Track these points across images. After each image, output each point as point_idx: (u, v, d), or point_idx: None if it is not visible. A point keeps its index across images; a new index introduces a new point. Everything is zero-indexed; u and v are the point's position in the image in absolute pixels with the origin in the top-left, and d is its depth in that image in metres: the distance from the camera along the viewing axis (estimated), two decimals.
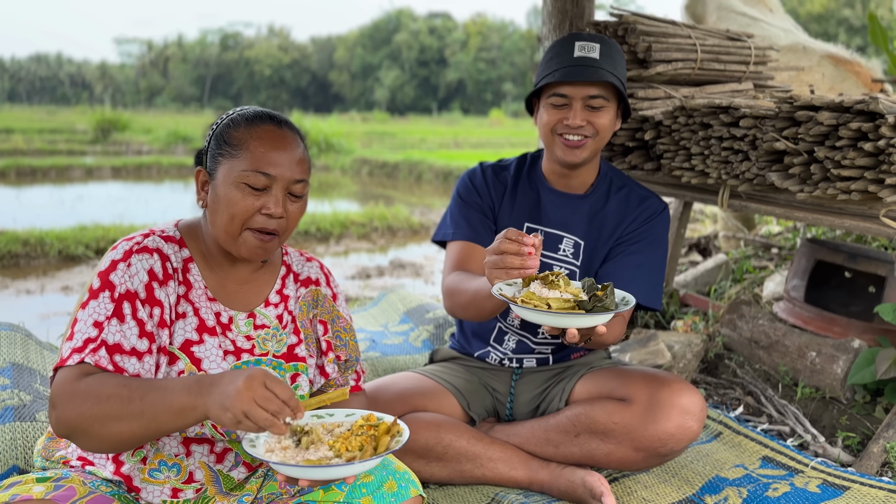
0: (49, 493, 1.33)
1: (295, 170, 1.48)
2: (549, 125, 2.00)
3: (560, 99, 1.96)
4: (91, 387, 1.30)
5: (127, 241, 1.49)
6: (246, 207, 1.45)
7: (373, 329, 3.26)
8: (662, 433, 1.90)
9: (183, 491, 1.50)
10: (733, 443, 2.36)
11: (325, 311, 1.66)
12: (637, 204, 2.09)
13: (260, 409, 1.23)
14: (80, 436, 1.31)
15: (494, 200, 2.14)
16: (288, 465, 1.28)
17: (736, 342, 2.98)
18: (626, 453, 1.97)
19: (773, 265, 3.89)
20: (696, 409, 1.92)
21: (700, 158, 2.57)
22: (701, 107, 2.52)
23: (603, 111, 1.97)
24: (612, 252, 2.08)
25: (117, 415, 1.27)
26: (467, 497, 2.02)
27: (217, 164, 1.49)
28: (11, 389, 2.30)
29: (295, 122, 1.58)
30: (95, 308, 1.40)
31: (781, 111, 2.28)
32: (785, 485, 2.09)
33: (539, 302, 1.54)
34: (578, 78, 1.92)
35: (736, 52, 3.01)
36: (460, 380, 2.18)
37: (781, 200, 2.50)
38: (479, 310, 1.86)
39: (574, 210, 2.10)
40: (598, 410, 1.98)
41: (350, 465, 1.29)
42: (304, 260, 1.69)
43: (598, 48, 1.96)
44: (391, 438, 1.38)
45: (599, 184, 2.12)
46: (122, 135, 21.10)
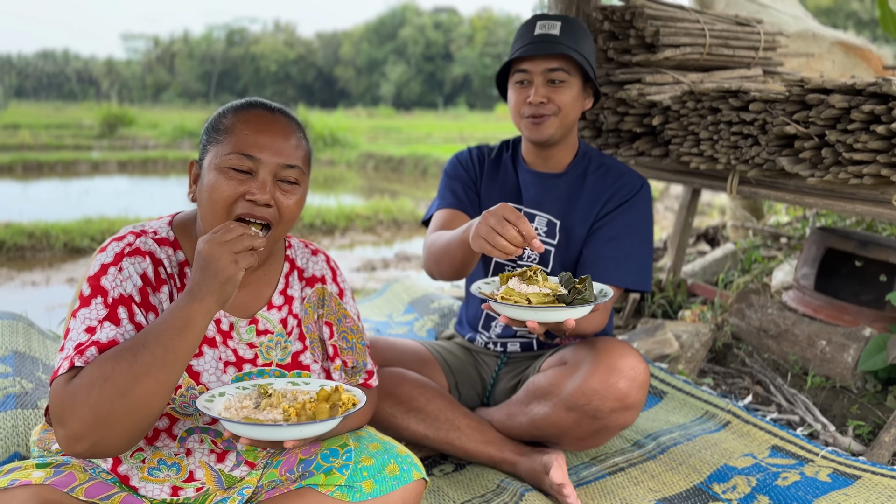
0: (49, 478, 1.30)
1: (284, 154, 1.40)
2: (515, 106, 2.02)
3: (522, 75, 1.99)
4: (87, 374, 1.23)
5: (117, 241, 1.42)
6: (228, 192, 1.36)
7: (378, 319, 3.24)
8: (588, 388, 1.84)
9: (183, 489, 1.47)
10: (742, 432, 2.33)
11: (331, 311, 1.60)
12: (614, 181, 2.06)
13: (237, 239, 1.25)
14: (107, 428, 1.21)
15: (477, 176, 2.17)
16: (229, 421, 1.28)
17: (744, 331, 2.94)
18: (559, 414, 1.91)
19: (781, 255, 3.85)
20: (626, 367, 1.84)
21: (709, 144, 2.53)
22: (710, 91, 2.48)
23: (564, 87, 1.97)
24: (592, 234, 2.04)
25: (133, 375, 1.20)
26: (471, 484, 2.00)
27: (205, 153, 1.43)
28: (13, 377, 2.30)
29: (300, 117, 1.53)
30: (87, 315, 1.33)
31: (792, 94, 2.24)
32: (795, 474, 2.05)
33: (519, 298, 1.54)
34: (535, 52, 1.94)
35: (745, 38, 2.97)
36: (455, 359, 2.22)
37: (791, 186, 2.46)
38: (451, 260, 1.84)
39: (549, 188, 2.10)
40: (541, 377, 1.99)
41: (284, 426, 1.26)
42: (309, 253, 1.62)
43: (559, 25, 1.98)
44: (332, 407, 1.35)
45: (577, 163, 2.11)
46: (128, 130, 21.16)
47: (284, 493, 1.46)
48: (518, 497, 1.89)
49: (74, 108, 38.58)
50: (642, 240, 2.04)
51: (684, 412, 2.47)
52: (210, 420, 1.47)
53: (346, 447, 1.49)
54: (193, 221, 1.50)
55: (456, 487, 1.99)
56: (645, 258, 2.04)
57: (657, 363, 2.76)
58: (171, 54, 68.38)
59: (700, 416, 2.44)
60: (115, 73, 68.50)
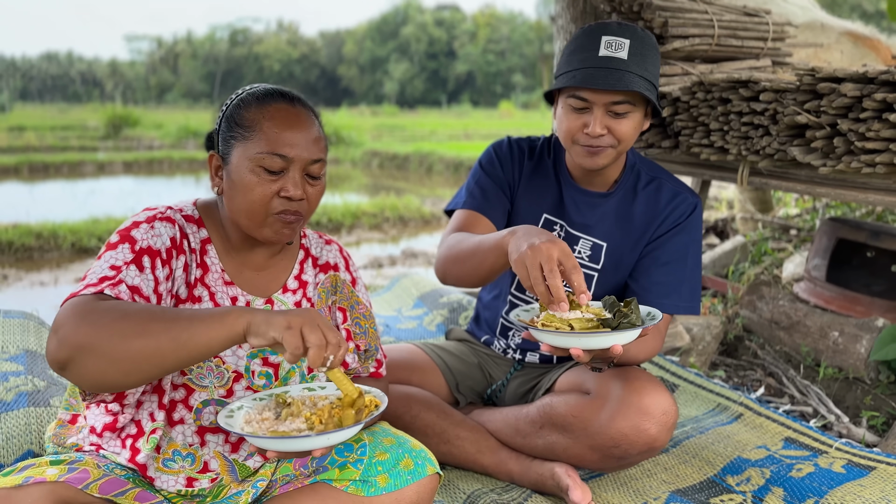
0: (63, 475, 1.29)
1: (312, 149, 1.43)
2: (568, 131, 1.81)
3: (580, 102, 1.76)
4: (114, 304, 1.21)
5: (149, 210, 1.46)
6: (264, 192, 1.40)
7: (387, 314, 3.24)
8: (616, 432, 1.74)
9: (198, 480, 1.47)
10: (755, 424, 2.31)
11: (344, 298, 1.62)
12: (668, 201, 1.91)
13: (317, 329, 1.21)
14: (86, 356, 1.17)
15: (515, 178, 1.98)
16: (255, 437, 1.26)
17: (756, 324, 2.93)
18: (581, 451, 1.82)
19: (791, 246, 3.83)
20: (658, 411, 1.73)
21: (719, 134, 2.52)
22: (720, 81, 2.47)
23: (627, 117, 1.76)
24: (643, 258, 1.92)
25: (141, 330, 1.17)
26: (482, 478, 1.99)
27: (230, 148, 1.44)
28: (25, 375, 2.30)
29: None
30: (113, 255, 1.34)
31: (803, 84, 2.23)
32: (809, 465, 2.04)
33: (560, 324, 1.43)
34: (601, 85, 1.70)
35: (753, 28, 2.95)
36: (457, 360, 2.13)
37: (803, 176, 2.44)
38: (478, 264, 1.68)
39: (597, 210, 1.94)
40: (561, 402, 1.86)
41: (312, 436, 1.25)
42: (322, 243, 1.65)
43: (628, 45, 1.73)
44: (357, 412, 1.33)
45: (625, 179, 1.94)
46: (133, 131, 21.20)
47: (299, 489, 1.46)
48: (528, 494, 1.89)
49: (79, 109, 38.70)
50: (694, 263, 1.92)
51: (696, 405, 2.46)
52: (224, 393, 1.47)
53: (360, 442, 1.49)
54: (216, 206, 1.54)
55: (466, 480, 1.99)
56: (696, 281, 1.93)
57: (668, 356, 2.75)
58: (174, 55, 68.51)
59: (712, 408, 2.43)
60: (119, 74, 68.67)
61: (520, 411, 1.96)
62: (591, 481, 1.98)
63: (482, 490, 1.90)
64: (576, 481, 1.81)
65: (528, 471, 1.90)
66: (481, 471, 1.96)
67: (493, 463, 1.94)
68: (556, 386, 2.01)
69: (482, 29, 59.00)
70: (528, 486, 1.91)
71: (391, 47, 60.40)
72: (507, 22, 60.87)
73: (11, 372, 2.32)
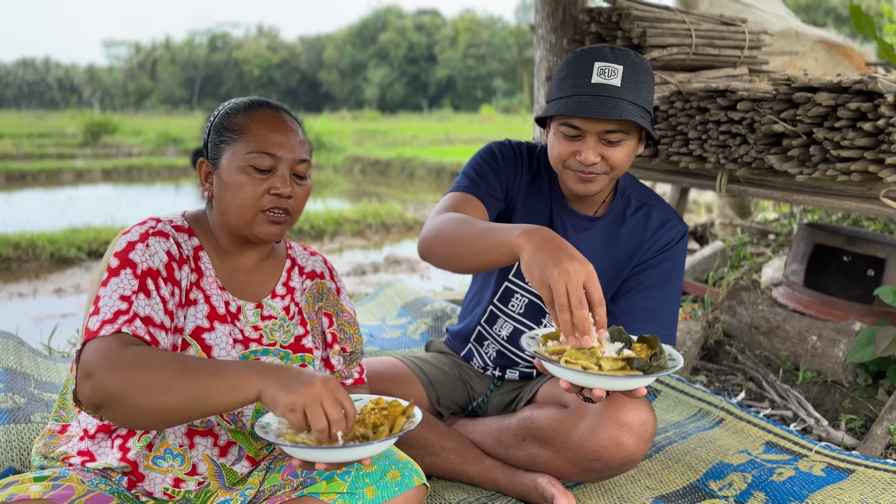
0: (47, 492, 1.29)
1: (297, 150, 1.50)
2: (560, 156, 1.76)
3: (572, 130, 1.71)
4: (140, 355, 1.26)
5: (140, 225, 1.48)
6: (254, 190, 1.45)
7: (370, 323, 3.24)
8: (596, 445, 1.72)
9: (185, 482, 1.48)
10: (736, 429, 2.34)
11: (330, 305, 1.67)
12: (656, 228, 1.90)
13: (321, 410, 1.20)
14: (116, 405, 1.24)
15: (516, 184, 1.92)
16: (304, 448, 1.24)
17: (736, 328, 2.97)
18: (562, 464, 1.81)
19: (770, 251, 3.88)
20: (636, 423, 1.71)
21: (698, 143, 2.55)
22: (698, 91, 2.50)
23: (621, 145, 1.72)
24: (627, 281, 1.90)
25: (166, 385, 1.21)
26: (470, 488, 2.00)
27: (220, 152, 1.50)
28: (5, 393, 2.28)
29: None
30: (119, 284, 1.37)
31: (779, 93, 2.27)
32: (790, 469, 2.07)
33: (588, 363, 1.36)
34: (593, 114, 1.65)
35: (730, 37, 3.00)
36: (438, 371, 2.11)
37: (780, 184, 2.48)
38: (475, 254, 1.55)
39: (584, 234, 1.91)
40: (541, 415, 1.84)
41: (367, 444, 1.25)
42: (307, 254, 1.70)
43: (621, 72, 1.67)
44: (406, 419, 1.36)
45: (615, 204, 1.91)
46: (111, 137, 20.98)
47: (285, 502, 1.46)
48: (514, 503, 1.90)
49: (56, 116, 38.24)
50: (675, 291, 1.91)
51: (678, 410, 2.49)
52: None
53: None
54: (204, 215, 1.58)
55: (452, 490, 1.99)
56: (674, 309, 1.91)
57: None
58: (153, 60, 67.96)
59: (694, 413, 2.45)
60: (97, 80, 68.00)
61: (502, 422, 1.95)
62: (575, 489, 1.99)
63: (468, 499, 1.91)
64: (559, 490, 1.81)
65: (513, 480, 1.91)
66: (467, 481, 1.97)
67: (479, 472, 1.94)
68: (538, 397, 2.01)
69: (462, 34, 59.15)
70: (513, 496, 1.91)
71: (371, 52, 60.37)
72: (487, 27, 61.07)
73: None
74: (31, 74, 68.12)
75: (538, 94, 3.24)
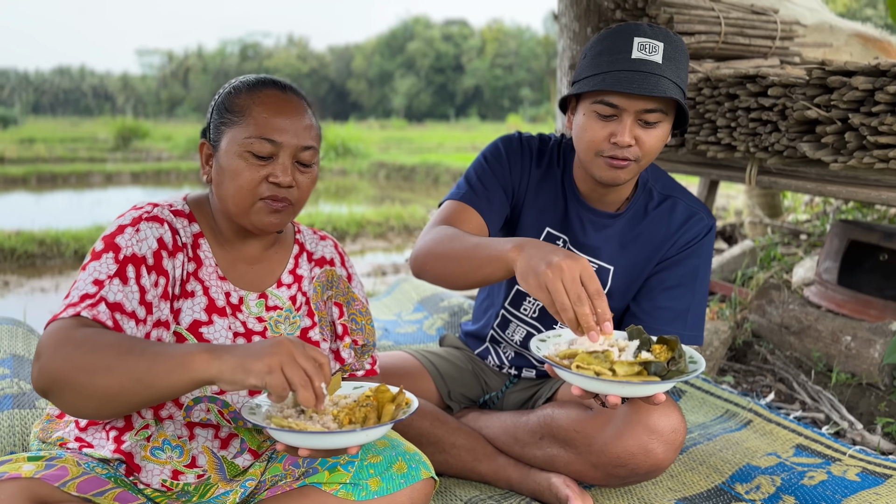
0: (39, 471, 1.24)
1: (302, 136, 1.40)
2: (592, 141, 1.64)
3: (608, 108, 1.60)
4: (87, 336, 1.20)
5: (136, 209, 1.42)
6: (252, 177, 1.37)
7: (386, 318, 3.17)
8: (622, 451, 1.62)
9: (184, 474, 1.42)
10: (764, 431, 2.23)
11: (341, 293, 1.58)
12: (682, 222, 1.79)
13: (297, 366, 1.14)
14: (61, 389, 1.17)
15: (523, 185, 1.82)
16: (287, 432, 1.19)
17: (765, 328, 2.84)
18: (583, 467, 1.72)
19: (801, 252, 3.75)
20: (667, 430, 1.60)
21: (726, 131, 2.45)
22: (727, 77, 2.40)
23: (657, 127, 1.62)
24: (650, 279, 1.80)
25: (108, 366, 1.15)
26: (482, 485, 1.92)
27: (220, 135, 1.41)
28: (11, 378, 2.28)
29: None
30: (97, 267, 1.31)
31: (813, 78, 2.16)
32: (822, 473, 1.96)
33: (600, 368, 1.28)
34: (636, 90, 1.54)
35: (761, 27, 2.89)
36: (450, 365, 2.03)
37: (813, 174, 2.37)
38: (468, 269, 1.51)
39: (604, 232, 1.81)
40: (563, 415, 1.75)
41: (350, 432, 1.19)
42: (317, 239, 1.61)
43: (662, 49, 1.58)
44: (396, 408, 1.28)
45: (636, 199, 1.81)
46: (142, 142, 21.31)
47: (286, 492, 1.40)
48: (527, 503, 1.81)
49: (90, 122, 38.99)
50: (701, 289, 1.79)
51: (704, 411, 2.38)
52: (218, 390, 1.41)
53: None
54: (206, 199, 1.51)
55: (463, 486, 1.91)
56: (702, 308, 1.80)
57: None
58: (185, 69, 69.13)
59: (720, 415, 2.34)
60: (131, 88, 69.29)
61: (518, 419, 1.86)
62: (593, 489, 1.90)
63: (480, 497, 1.83)
64: (575, 491, 1.72)
65: (527, 479, 1.82)
66: (479, 479, 1.88)
67: (491, 470, 1.86)
68: (558, 395, 1.92)
69: (490, 43, 59.29)
70: (526, 495, 1.82)
71: (399, 62, 60.77)
72: (515, 36, 61.15)
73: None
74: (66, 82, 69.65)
75: (561, 86, 3.16)
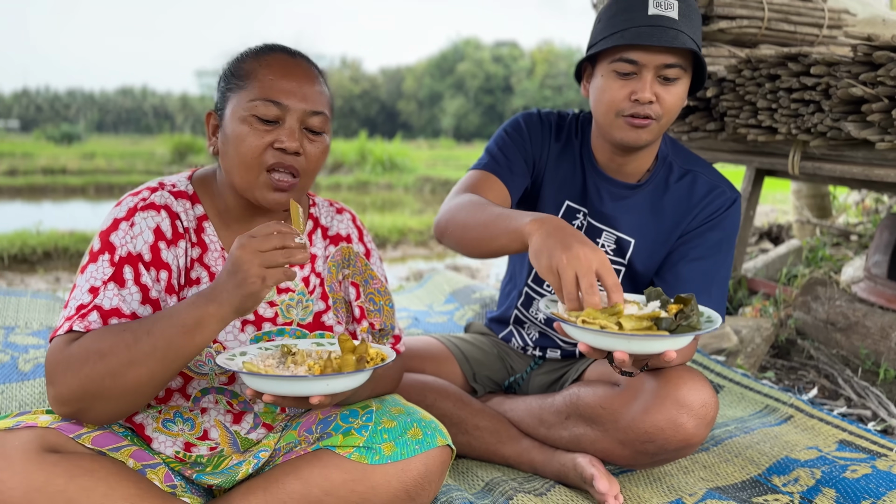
0: (55, 423, 1.25)
1: (310, 100, 1.33)
2: (612, 100, 1.64)
3: (627, 66, 1.60)
4: (86, 345, 1.19)
5: (133, 195, 1.37)
6: (256, 143, 1.30)
7: (417, 308, 3.16)
8: (650, 426, 1.57)
9: (196, 447, 1.41)
10: (806, 426, 2.12)
11: (358, 272, 1.52)
12: (704, 194, 1.77)
13: (270, 253, 1.15)
14: (93, 401, 1.19)
15: (543, 158, 1.82)
16: (252, 375, 1.19)
17: (810, 326, 2.72)
18: (610, 445, 1.67)
19: (851, 253, 3.59)
20: (696, 403, 1.55)
21: (767, 114, 2.36)
22: (767, 57, 2.32)
23: (677, 84, 1.62)
24: (672, 253, 1.78)
25: (129, 360, 1.16)
26: (504, 468, 1.86)
27: (226, 101, 1.36)
28: (44, 349, 2.33)
29: (361, 144, 1.50)
30: (93, 272, 1.28)
31: (858, 54, 2.07)
32: (865, 467, 1.84)
33: (606, 321, 1.22)
34: (655, 41, 1.55)
35: (807, 14, 2.80)
36: (475, 349, 2.00)
37: (859, 158, 2.27)
38: (485, 240, 1.52)
39: (624, 203, 1.79)
40: (589, 392, 1.71)
41: (311, 378, 1.17)
42: (333, 211, 1.54)
43: (677, 6, 1.60)
44: (359, 360, 1.26)
45: (657, 170, 1.79)
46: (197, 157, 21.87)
47: (301, 456, 1.38)
48: (550, 485, 1.74)
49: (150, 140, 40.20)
50: (725, 264, 1.76)
51: (742, 406, 2.28)
52: (226, 381, 1.41)
53: (367, 408, 1.41)
54: (213, 175, 1.44)
55: (486, 468, 1.86)
56: (724, 284, 1.76)
57: (714, 356, 2.56)
58: None
59: (760, 409, 2.24)
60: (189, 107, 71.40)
61: (544, 400, 1.82)
62: (622, 476, 1.83)
63: (502, 478, 1.78)
64: (600, 470, 1.65)
65: (551, 461, 1.76)
66: (502, 461, 1.84)
67: (515, 453, 1.81)
68: (586, 375, 1.87)
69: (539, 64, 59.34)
70: (550, 477, 1.76)
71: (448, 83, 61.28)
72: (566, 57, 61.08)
73: (32, 345, 2.36)
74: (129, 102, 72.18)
75: None
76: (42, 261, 6.35)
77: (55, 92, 65.81)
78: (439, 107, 61.22)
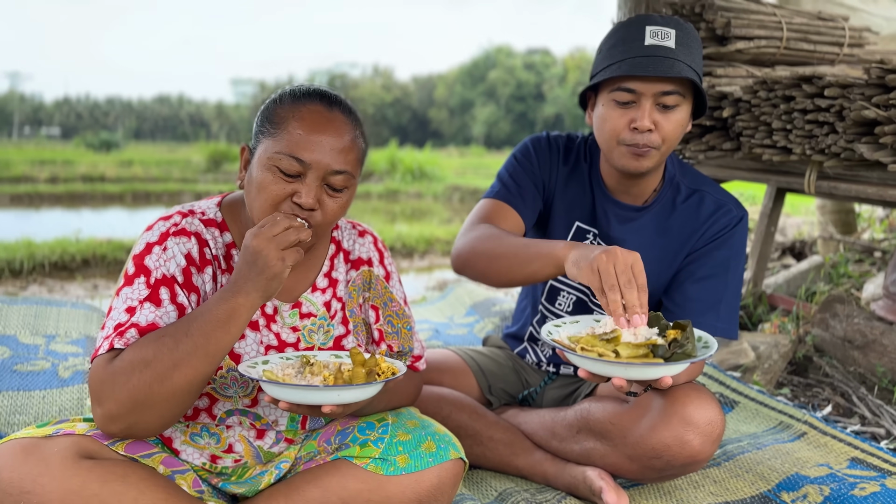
0: (91, 430, 1.33)
1: (336, 158, 1.34)
2: (613, 129, 1.68)
3: (626, 95, 1.64)
4: (129, 358, 1.24)
5: (164, 220, 1.41)
6: (276, 192, 1.33)
7: (438, 320, 3.22)
8: (657, 442, 1.62)
9: (221, 459, 1.48)
10: (819, 443, 2.14)
11: (377, 295, 1.56)
12: (710, 213, 1.79)
13: (283, 234, 1.24)
14: (143, 412, 1.24)
15: (553, 181, 1.87)
16: (267, 382, 1.26)
17: (828, 343, 2.73)
18: (619, 460, 1.71)
19: (875, 270, 3.57)
20: (702, 421, 1.59)
21: (782, 134, 2.39)
22: (782, 78, 2.36)
23: (676, 111, 1.65)
24: (680, 272, 1.81)
25: (174, 363, 1.22)
26: (517, 479, 1.92)
27: (258, 143, 1.38)
28: (83, 357, 2.44)
29: (391, 152, 1.53)
30: (129, 294, 1.33)
31: (871, 77, 2.10)
32: (874, 485, 1.86)
33: (604, 349, 1.28)
34: (651, 71, 1.59)
35: (828, 33, 2.82)
36: (491, 362, 2.06)
37: (874, 178, 2.29)
38: (515, 267, 1.58)
39: (631, 225, 1.83)
40: (599, 408, 1.76)
41: (322, 388, 1.25)
42: (356, 234, 1.58)
43: (674, 35, 1.63)
44: (369, 373, 1.33)
45: (664, 191, 1.82)
46: (232, 165, 22.20)
47: (320, 465, 1.45)
48: (562, 496, 1.80)
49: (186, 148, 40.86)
50: (734, 280, 1.78)
51: (756, 422, 2.30)
52: (249, 403, 1.47)
53: (383, 421, 1.47)
54: (242, 204, 1.48)
55: (499, 478, 1.92)
56: (735, 301, 1.78)
57: (729, 372, 2.59)
58: None
59: (773, 426, 2.26)
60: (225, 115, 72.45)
61: (556, 414, 1.87)
62: (631, 489, 1.87)
63: (514, 489, 1.83)
64: (609, 483, 1.71)
65: (563, 473, 1.81)
66: (515, 472, 1.89)
67: (528, 465, 1.87)
68: (598, 391, 1.92)
69: (572, 72, 59.08)
70: (562, 489, 1.82)
71: (479, 90, 61.32)
72: None
73: (71, 353, 2.46)
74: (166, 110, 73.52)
75: None
76: (81, 268, 6.54)
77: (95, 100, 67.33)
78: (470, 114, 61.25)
